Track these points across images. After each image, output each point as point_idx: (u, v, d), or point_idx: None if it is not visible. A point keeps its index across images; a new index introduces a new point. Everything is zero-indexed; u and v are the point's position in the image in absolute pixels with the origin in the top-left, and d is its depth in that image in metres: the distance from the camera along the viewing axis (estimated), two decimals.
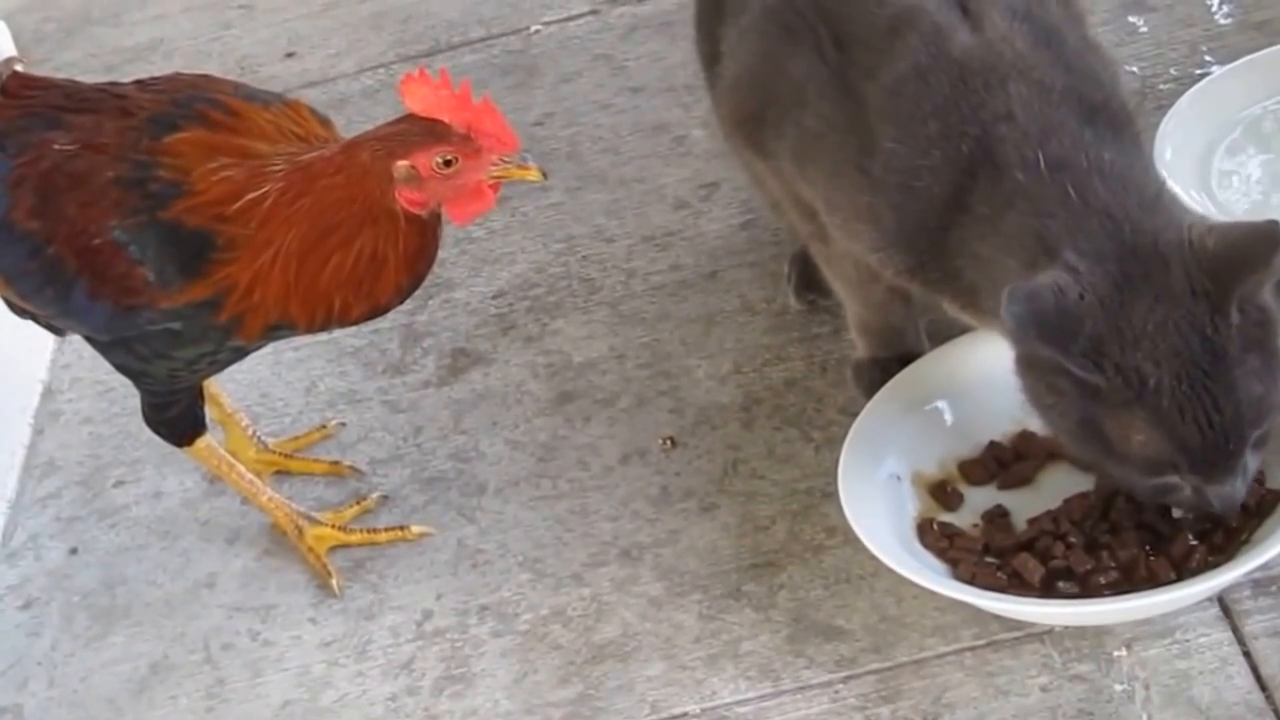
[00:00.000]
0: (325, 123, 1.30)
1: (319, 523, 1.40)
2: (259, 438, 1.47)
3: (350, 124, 1.87)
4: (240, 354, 1.31)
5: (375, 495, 1.44)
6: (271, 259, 1.22)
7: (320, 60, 2.01)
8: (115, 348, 1.30)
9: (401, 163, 1.20)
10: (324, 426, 1.51)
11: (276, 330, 1.26)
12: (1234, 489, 1.12)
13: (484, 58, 1.93)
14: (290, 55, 2.03)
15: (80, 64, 2.09)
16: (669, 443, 1.42)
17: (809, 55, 1.25)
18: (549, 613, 1.32)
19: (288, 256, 1.22)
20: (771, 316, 1.51)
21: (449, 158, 1.19)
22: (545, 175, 1.22)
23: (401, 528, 1.40)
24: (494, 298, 1.61)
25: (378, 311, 1.26)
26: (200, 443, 1.37)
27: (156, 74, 2.05)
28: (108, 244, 1.23)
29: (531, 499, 1.41)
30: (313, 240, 1.22)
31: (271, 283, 1.22)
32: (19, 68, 1.34)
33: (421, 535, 1.40)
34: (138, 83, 1.32)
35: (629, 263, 1.61)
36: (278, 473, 1.47)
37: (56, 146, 1.25)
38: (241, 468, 1.40)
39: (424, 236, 1.23)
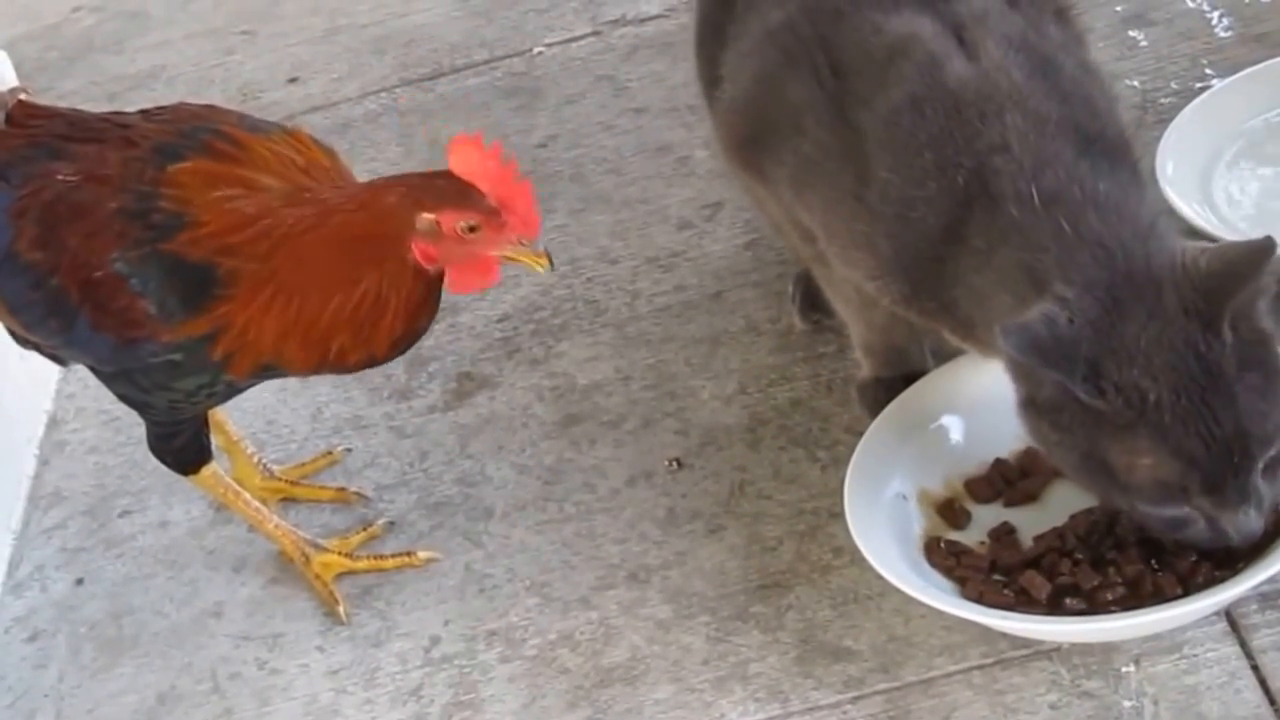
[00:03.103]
0: (328, 152, 1.30)
1: (326, 550, 1.40)
2: (264, 465, 1.48)
3: (354, 148, 1.89)
4: (235, 389, 1.31)
5: (382, 521, 1.44)
6: (271, 294, 1.22)
7: (323, 85, 2.02)
8: (118, 378, 1.31)
9: (427, 215, 1.20)
10: (330, 453, 1.51)
11: (269, 370, 1.26)
12: (1249, 518, 1.11)
13: (487, 80, 1.94)
14: (293, 80, 2.04)
15: (83, 92, 2.11)
16: (675, 464, 1.43)
17: (807, 81, 1.25)
18: (557, 637, 1.32)
19: (289, 291, 1.22)
20: (776, 336, 1.51)
21: (475, 224, 1.20)
22: (553, 266, 1.23)
23: (408, 553, 1.40)
24: (499, 321, 1.61)
25: (374, 362, 1.26)
26: (206, 470, 1.37)
27: (159, 101, 2.06)
28: (109, 276, 1.23)
29: (538, 523, 1.42)
30: (317, 274, 1.22)
31: (268, 320, 1.22)
32: (24, 96, 1.34)
33: (428, 561, 1.40)
34: (142, 112, 1.32)
35: (633, 284, 1.61)
36: (284, 500, 1.47)
37: (60, 177, 1.26)
38: (247, 495, 1.40)
39: (426, 292, 1.23)
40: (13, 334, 1.34)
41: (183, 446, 1.36)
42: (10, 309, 1.29)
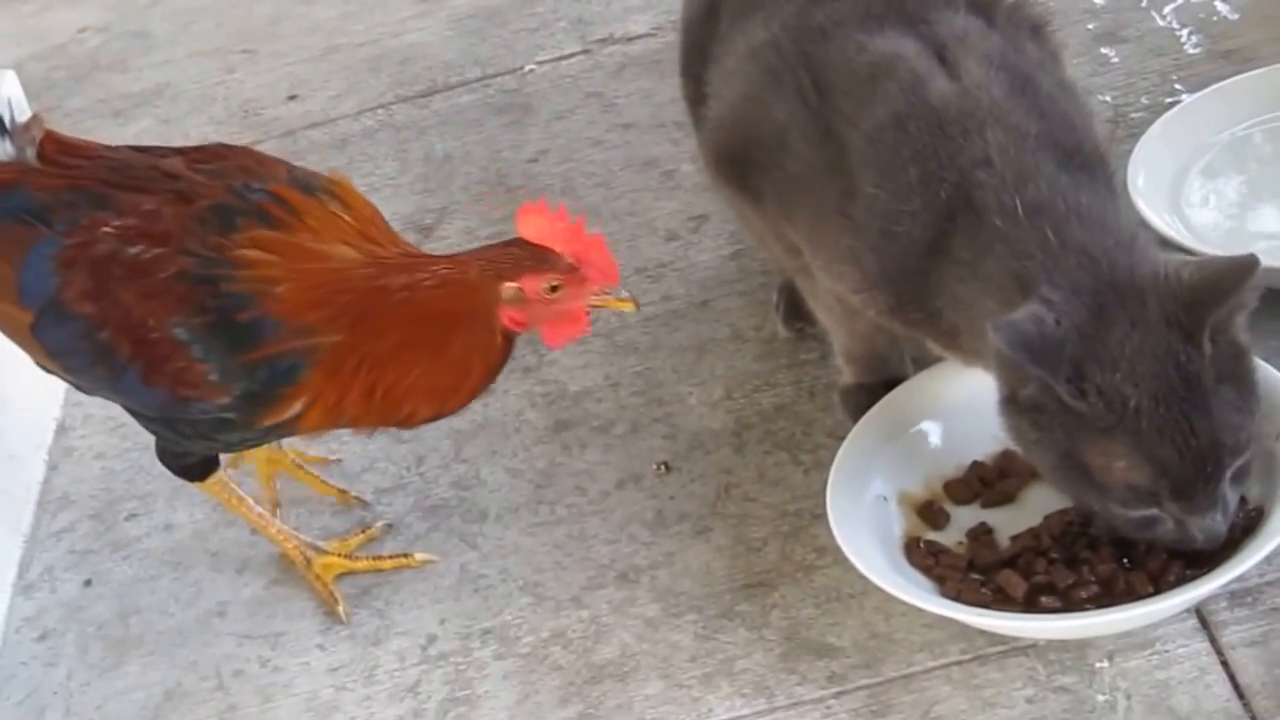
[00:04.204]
0: (368, 203, 1.29)
1: (326, 552, 1.41)
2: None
3: (352, 162, 1.89)
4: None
5: (380, 524, 1.45)
6: (355, 365, 1.21)
7: (322, 102, 2.03)
8: (158, 423, 1.30)
9: (510, 284, 1.21)
10: (326, 460, 1.52)
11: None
12: (1215, 522, 1.13)
13: (480, 97, 1.95)
14: (292, 98, 2.05)
15: (89, 109, 2.11)
16: (663, 468, 1.44)
17: (791, 99, 1.27)
18: (549, 635, 1.33)
19: (372, 362, 1.21)
20: (761, 344, 1.52)
21: (556, 284, 1.21)
22: (638, 306, 1.25)
23: (406, 555, 1.42)
24: None
25: (439, 417, 1.27)
26: (212, 478, 1.37)
27: (165, 118, 2.07)
28: (166, 339, 1.21)
29: (531, 525, 1.43)
30: (402, 345, 1.21)
31: (352, 391, 1.22)
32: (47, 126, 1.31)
33: (425, 562, 1.41)
34: (181, 154, 1.29)
35: None
36: (286, 477, 1.46)
37: (108, 228, 1.23)
38: (251, 501, 1.40)
39: (507, 352, 1.25)
40: (37, 363, 1.32)
41: (193, 464, 1.36)
42: (50, 353, 1.27)
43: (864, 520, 1.27)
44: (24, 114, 1.33)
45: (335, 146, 1.94)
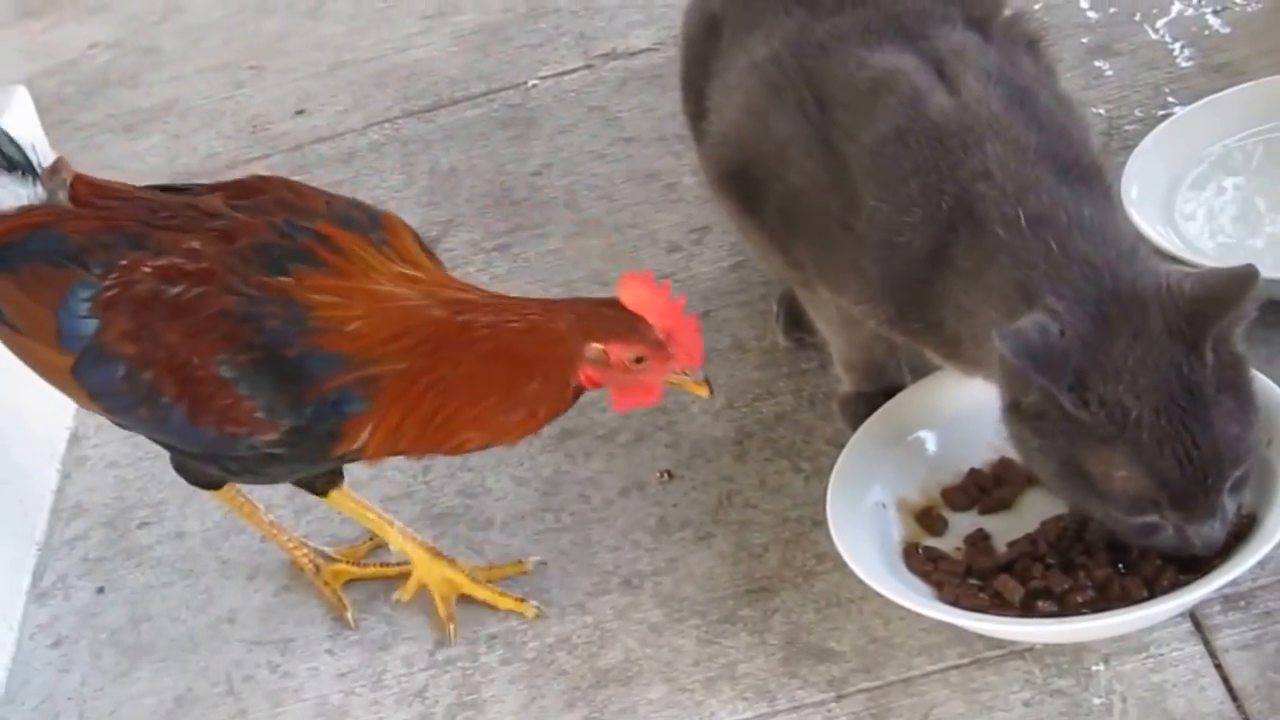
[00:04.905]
0: (415, 234, 1.29)
1: (334, 559, 1.42)
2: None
3: (358, 176, 1.91)
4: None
5: None
6: (424, 389, 1.21)
7: (329, 117, 2.04)
8: (203, 459, 1.29)
9: (597, 345, 1.20)
10: None
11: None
12: (1214, 529, 1.14)
13: (484, 111, 1.97)
14: (300, 113, 2.07)
15: (100, 124, 2.13)
16: (666, 476, 1.45)
17: (793, 113, 1.28)
18: (554, 640, 1.34)
19: (442, 387, 1.21)
20: (761, 354, 1.54)
21: (642, 356, 1.20)
22: (713, 392, 1.23)
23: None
24: None
25: (488, 448, 1.26)
26: (225, 486, 1.38)
27: (175, 133, 2.08)
28: (212, 376, 1.21)
29: (536, 532, 1.44)
30: (479, 379, 1.21)
31: (416, 413, 1.21)
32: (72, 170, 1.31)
33: None
34: (218, 189, 1.29)
35: None
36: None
37: (146, 268, 1.23)
38: (262, 510, 1.41)
39: (573, 400, 1.24)
40: (78, 404, 1.32)
41: (211, 476, 1.36)
42: (91, 395, 1.27)
43: (863, 526, 1.28)
44: (36, 134, 1.35)
45: (342, 161, 1.95)
